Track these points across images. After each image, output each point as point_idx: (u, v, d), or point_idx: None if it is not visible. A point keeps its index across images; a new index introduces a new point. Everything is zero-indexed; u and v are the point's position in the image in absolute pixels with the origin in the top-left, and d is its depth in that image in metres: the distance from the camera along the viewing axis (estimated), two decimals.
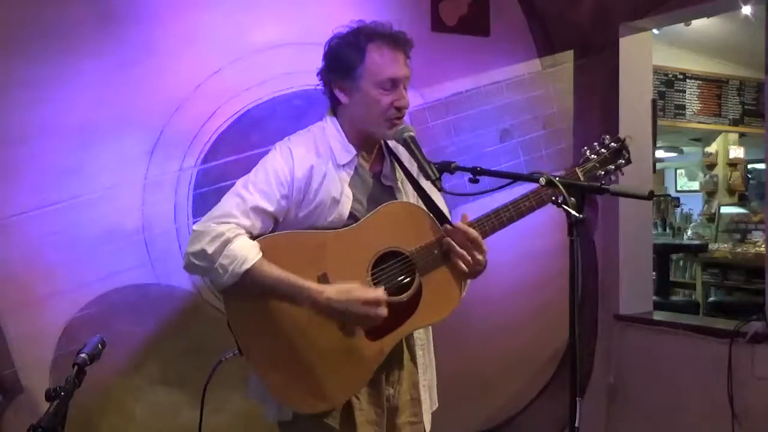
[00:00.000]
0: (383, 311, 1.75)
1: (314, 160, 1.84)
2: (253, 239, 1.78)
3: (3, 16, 2.39)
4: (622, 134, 3.64)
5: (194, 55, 2.67)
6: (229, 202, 1.79)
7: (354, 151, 1.88)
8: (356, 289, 1.75)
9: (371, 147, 1.94)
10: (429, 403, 1.98)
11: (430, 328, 2.02)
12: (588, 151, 1.96)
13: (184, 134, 2.65)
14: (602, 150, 1.95)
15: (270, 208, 1.80)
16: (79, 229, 2.48)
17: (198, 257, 1.75)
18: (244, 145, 2.64)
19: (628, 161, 1.97)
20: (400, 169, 1.97)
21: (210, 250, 1.72)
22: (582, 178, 1.91)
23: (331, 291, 1.74)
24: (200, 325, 2.60)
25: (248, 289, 1.75)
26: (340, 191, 1.84)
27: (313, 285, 1.75)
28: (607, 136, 1.97)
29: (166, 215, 2.62)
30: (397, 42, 1.86)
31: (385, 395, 1.89)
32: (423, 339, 1.98)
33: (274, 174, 1.81)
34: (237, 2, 2.75)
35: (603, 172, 1.94)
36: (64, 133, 2.47)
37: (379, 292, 1.76)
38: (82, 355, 1.51)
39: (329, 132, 1.90)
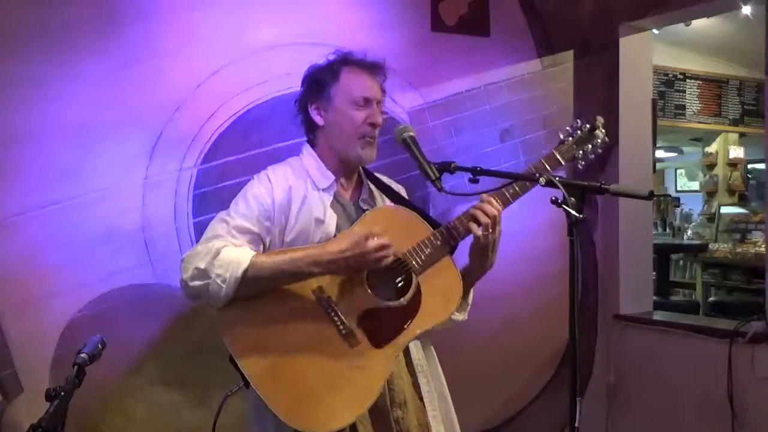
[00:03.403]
0: (388, 240, 1.73)
1: (292, 183, 1.86)
2: None
3: (4, 15, 2.39)
4: (622, 134, 3.67)
5: (194, 55, 2.67)
6: (213, 228, 1.81)
7: (332, 177, 1.89)
8: (352, 233, 1.74)
9: (349, 174, 1.95)
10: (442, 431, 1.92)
11: (435, 355, 1.99)
12: (562, 135, 1.97)
13: (184, 134, 2.65)
14: (577, 132, 1.96)
15: (254, 228, 1.80)
16: (79, 229, 2.49)
17: (193, 277, 1.73)
18: (244, 145, 2.65)
19: (604, 140, 1.97)
20: (382, 192, 1.97)
21: (202, 265, 1.71)
22: (562, 160, 1.93)
23: (334, 245, 1.73)
24: (200, 326, 2.59)
25: (250, 291, 1.72)
26: (323, 211, 1.84)
27: (312, 249, 1.74)
28: (578, 120, 1.99)
29: (166, 215, 2.62)
30: (371, 67, 1.90)
31: (392, 418, 1.83)
32: (424, 366, 1.93)
33: (254, 199, 1.83)
34: (237, 2, 2.75)
35: (581, 152, 1.95)
36: (64, 132, 2.47)
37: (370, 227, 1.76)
38: (82, 355, 1.51)
39: (307, 161, 1.92)
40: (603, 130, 1.97)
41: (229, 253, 1.72)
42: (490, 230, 1.82)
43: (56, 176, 2.46)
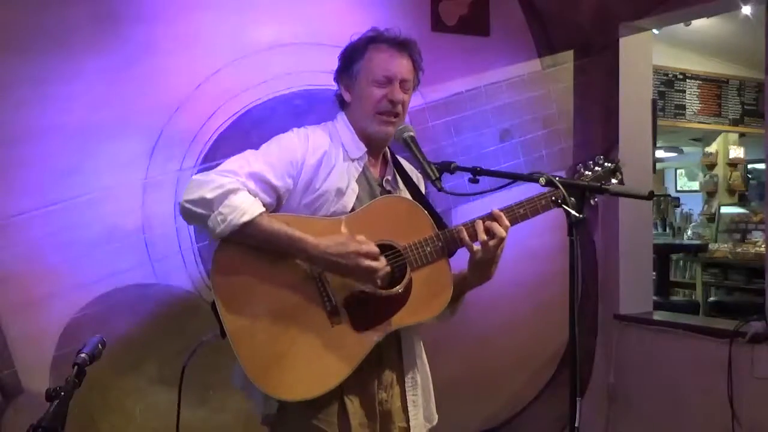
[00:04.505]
0: (378, 264, 1.74)
1: (328, 148, 1.86)
2: None
3: (3, 15, 2.39)
4: (622, 134, 3.66)
5: (194, 55, 2.67)
6: (233, 162, 1.80)
7: (364, 148, 1.90)
8: (350, 242, 1.74)
9: (375, 151, 1.95)
10: (420, 419, 1.95)
11: (423, 347, 2.01)
12: (582, 168, 1.96)
13: (184, 134, 2.65)
14: (596, 168, 1.95)
15: (273, 181, 1.79)
16: (79, 229, 2.48)
17: (196, 204, 1.73)
18: (244, 145, 2.60)
19: (621, 183, 1.97)
20: (401, 178, 1.98)
21: (210, 196, 1.71)
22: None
23: (327, 242, 1.74)
24: (199, 325, 2.59)
25: (244, 242, 1.74)
26: (347, 184, 1.85)
27: (309, 237, 1.74)
28: (602, 156, 1.98)
29: (166, 215, 2.62)
30: (399, 44, 1.89)
31: (377, 399, 1.87)
32: (413, 351, 1.95)
33: (287, 151, 1.82)
34: (237, 2, 2.75)
35: None
36: (64, 133, 2.47)
37: (372, 246, 1.75)
38: (82, 355, 1.51)
39: (340, 128, 1.93)
40: (621, 174, 1.97)
41: (240, 198, 1.72)
42: (493, 248, 1.81)
43: (56, 176, 2.46)
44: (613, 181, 1.95)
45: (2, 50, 2.39)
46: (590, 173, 1.94)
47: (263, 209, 1.74)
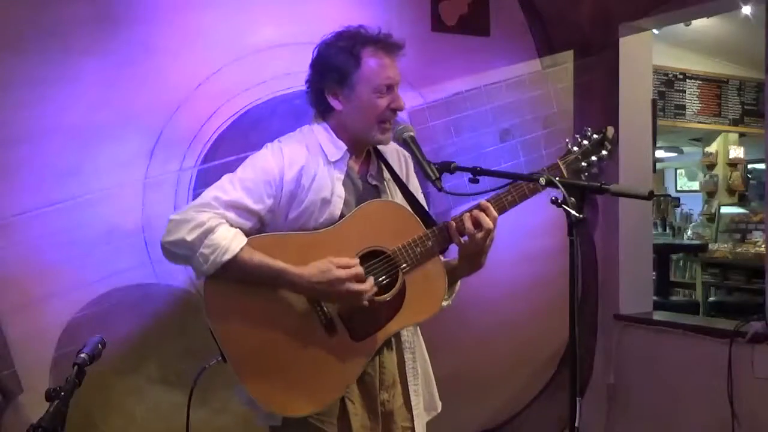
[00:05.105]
0: (365, 286, 1.73)
1: (305, 161, 1.83)
2: None
3: (3, 15, 2.39)
4: (622, 134, 3.66)
5: (194, 55, 2.67)
6: (209, 194, 1.77)
7: (344, 147, 1.86)
8: (333, 269, 1.72)
9: (360, 151, 1.93)
10: (421, 409, 1.96)
11: (420, 333, 2.01)
12: (570, 144, 1.95)
13: (184, 134, 2.65)
14: (584, 141, 1.93)
15: (252, 206, 1.77)
16: (79, 229, 2.48)
17: (177, 246, 1.72)
18: (244, 145, 2.64)
19: (611, 153, 1.96)
20: (386, 170, 1.96)
21: (190, 238, 1.70)
22: (564, 171, 1.89)
23: (311, 270, 1.72)
24: (200, 325, 2.57)
25: (230, 277, 1.73)
26: (331, 191, 1.82)
27: (291, 268, 1.73)
28: (589, 128, 1.96)
29: (166, 215, 2.58)
30: (390, 46, 1.86)
31: (379, 400, 1.87)
32: (412, 343, 1.95)
33: (263, 172, 1.79)
34: (237, 2, 2.75)
35: (585, 164, 1.92)
36: (64, 133, 2.47)
37: (357, 267, 1.74)
38: (82, 355, 1.51)
39: (318, 131, 1.89)
40: (610, 145, 1.95)
41: (221, 235, 1.71)
42: (481, 240, 1.80)
43: (56, 176, 2.46)
44: (603, 152, 1.93)
45: (2, 50, 2.39)
46: (578, 148, 1.92)
47: (244, 242, 1.72)
